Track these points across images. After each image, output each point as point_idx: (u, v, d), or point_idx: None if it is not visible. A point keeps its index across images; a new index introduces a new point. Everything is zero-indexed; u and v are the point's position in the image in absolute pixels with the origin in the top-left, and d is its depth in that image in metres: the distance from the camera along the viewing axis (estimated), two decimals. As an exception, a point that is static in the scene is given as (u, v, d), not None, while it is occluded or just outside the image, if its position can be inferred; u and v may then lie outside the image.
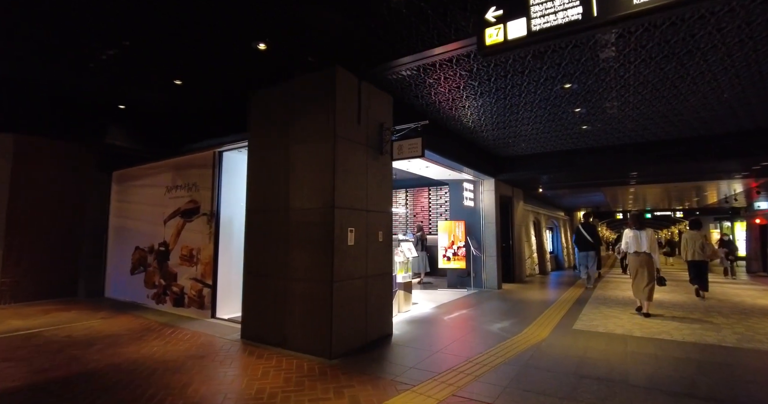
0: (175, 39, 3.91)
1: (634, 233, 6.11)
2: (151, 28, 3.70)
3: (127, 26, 3.68)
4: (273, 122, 4.85)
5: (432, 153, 6.52)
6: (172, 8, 3.36)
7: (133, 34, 3.82)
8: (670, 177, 9.53)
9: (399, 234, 11.79)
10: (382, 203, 4.92)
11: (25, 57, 4.33)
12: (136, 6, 3.33)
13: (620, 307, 6.76)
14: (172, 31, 3.77)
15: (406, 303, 6.46)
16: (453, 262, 9.16)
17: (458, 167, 7.93)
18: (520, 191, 11.41)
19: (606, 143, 7.87)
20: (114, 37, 3.88)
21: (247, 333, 4.80)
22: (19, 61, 4.43)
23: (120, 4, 3.31)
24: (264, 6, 3.32)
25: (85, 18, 3.52)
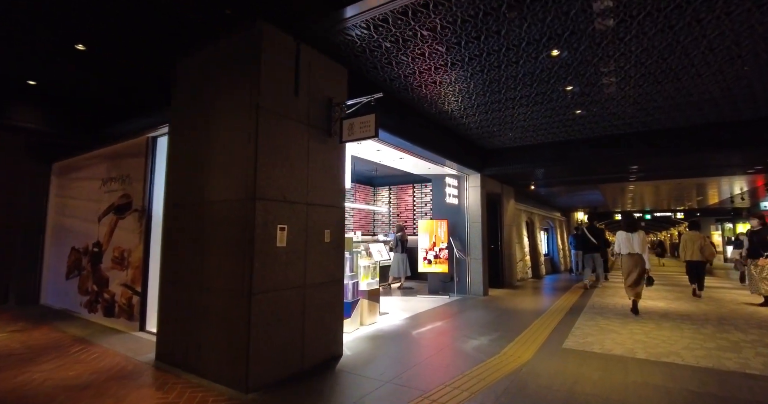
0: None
1: (627, 235, 6.30)
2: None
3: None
4: (194, 96, 3.97)
5: (402, 139, 5.65)
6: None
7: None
8: (674, 172, 8.67)
9: (380, 235, 10.92)
10: (330, 195, 4.04)
11: None
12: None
13: (619, 318, 5.88)
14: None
15: (372, 315, 5.57)
16: (434, 266, 8.27)
17: (438, 159, 7.06)
18: (510, 189, 10.54)
19: (603, 132, 7.00)
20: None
21: (163, 353, 3.91)
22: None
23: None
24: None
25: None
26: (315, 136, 3.90)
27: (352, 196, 11.20)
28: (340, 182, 4.22)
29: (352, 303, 5.07)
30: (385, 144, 5.81)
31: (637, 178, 9.15)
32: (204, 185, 3.70)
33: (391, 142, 5.77)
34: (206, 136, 3.76)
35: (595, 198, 14.97)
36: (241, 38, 3.55)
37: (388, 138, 5.56)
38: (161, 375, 3.50)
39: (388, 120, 5.27)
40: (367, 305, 5.49)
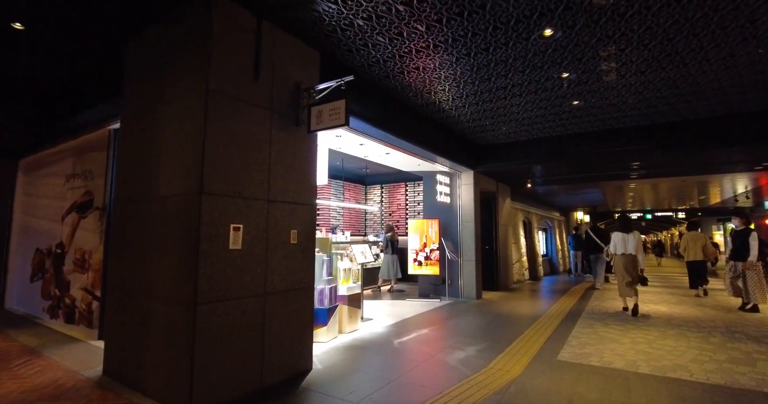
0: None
1: (622, 236, 6.37)
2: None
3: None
4: (144, 81, 3.56)
5: (386, 133, 5.24)
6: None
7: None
8: (676, 169, 8.25)
9: (370, 235, 10.49)
10: (297, 192, 3.63)
11: None
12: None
13: (619, 325, 5.46)
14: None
15: (352, 322, 5.15)
16: (425, 268, 7.86)
17: (427, 155, 6.64)
18: (506, 187, 10.12)
19: (603, 126, 6.58)
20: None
21: (110, 368, 3.50)
22: None
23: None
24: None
25: None
26: (280, 125, 3.48)
27: (341, 195, 10.79)
28: (309, 177, 3.81)
29: (329, 309, 4.66)
30: (368, 137, 5.39)
31: (638, 175, 8.73)
32: (153, 179, 3.29)
33: (374, 135, 5.36)
34: (156, 125, 3.34)
35: (594, 197, 14.55)
36: (192, 13, 3.14)
37: (370, 130, 5.15)
38: (101, 394, 3.08)
39: (370, 111, 4.86)
40: (347, 311, 5.07)
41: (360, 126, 4.94)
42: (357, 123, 4.79)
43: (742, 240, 6.53)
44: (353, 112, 4.54)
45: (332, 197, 10.43)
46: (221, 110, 3.01)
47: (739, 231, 6.65)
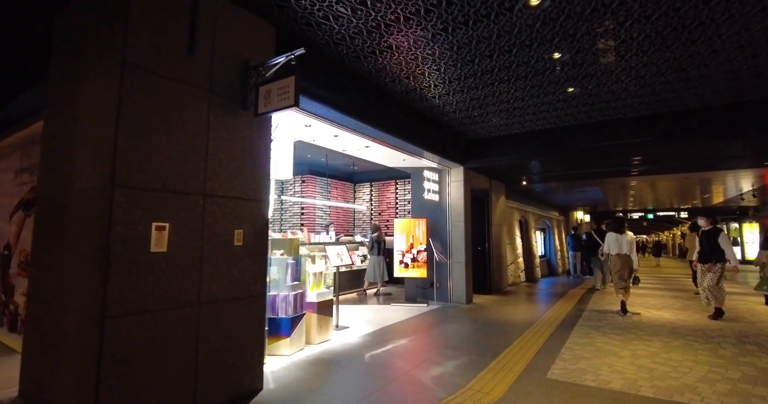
0: None
1: (616, 236, 6.47)
2: None
3: None
4: (67, 59, 3.08)
5: (362, 123, 4.75)
6: None
7: None
8: (680, 164, 7.73)
9: (357, 236, 10.01)
10: (244, 185, 3.14)
11: None
12: None
13: (619, 334, 4.97)
14: None
15: (323, 331, 4.67)
16: (412, 270, 7.37)
17: (412, 149, 6.15)
18: (500, 185, 9.62)
19: (601, 117, 6.09)
20: None
21: (25, 390, 3.02)
22: None
23: None
24: None
25: None
26: (221, 107, 3.00)
27: (327, 193, 10.31)
28: (261, 169, 3.32)
29: (293, 319, 4.17)
30: (341, 128, 4.90)
31: (639, 171, 8.23)
32: (71, 172, 2.81)
33: (348, 125, 4.87)
34: (76, 109, 2.86)
35: (594, 196, 14.05)
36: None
37: (343, 120, 4.66)
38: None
39: (340, 96, 4.38)
40: (317, 320, 4.58)
41: (330, 114, 4.45)
42: (326, 110, 4.30)
43: (711, 241, 5.99)
44: (319, 97, 4.07)
45: (317, 195, 9.96)
46: (142, 89, 2.52)
47: (707, 232, 6.11)
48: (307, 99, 3.95)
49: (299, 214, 9.77)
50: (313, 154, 8.91)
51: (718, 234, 5.95)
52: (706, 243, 6.06)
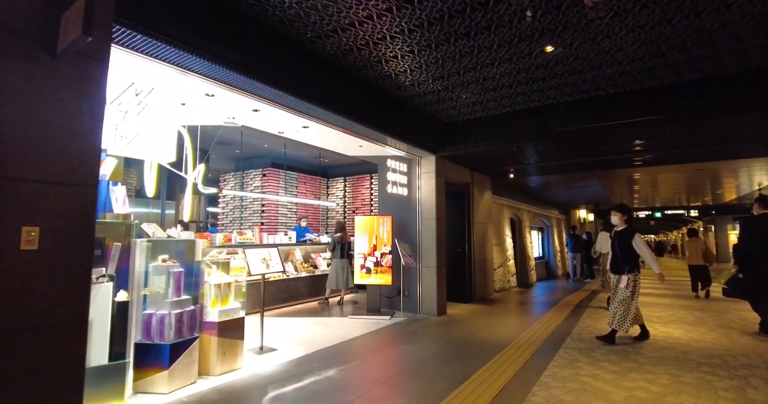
0: None
1: (607, 236, 6.28)
2: None
3: None
4: None
5: (290, 95, 3.72)
6: None
7: None
8: (691, 151, 6.56)
9: (323, 236, 8.97)
10: (46, 162, 2.11)
11: None
12: None
13: (614, 361, 3.88)
14: None
15: (229, 359, 3.64)
16: (374, 276, 6.31)
17: (367, 132, 5.11)
18: (485, 178, 8.53)
19: (594, 91, 5.00)
20: None
21: None
22: None
23: None
24: None
25: None
26: (14, 51, 1.98)
27: (294, 189, 9.29)
28: (80, 139, 2.29)
29: (175, 345, 3.15)
30: (257, 98, 3.86)
31: (642, 160, 7.09)
32: None
33: (265, 95, 3.83)
34: None
35: (595, 192, 12.88)
36: None
37: (253, 86, 3.62)
38: None
39: (244, 54, 3.35)
40: (218, 345, 3.55)
41: (234, 78, 3.41)
42: (229, 74, 3.27)
43: (624, 244, 4.66)
44: (214, 54, 3.05)
45: (281, 191, 8.94)
46: None
47: (620, 233, 4.78)
48: (193, 55, 2.93)
49: (260, 212, 8.76)
50: (272, 144, 7.91)
51: (632, 235, 4.65)
52: (618, 247, 4.71)
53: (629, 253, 4.63)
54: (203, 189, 6.11)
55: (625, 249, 4.67)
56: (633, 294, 4.59)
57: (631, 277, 4.58)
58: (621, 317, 4.58)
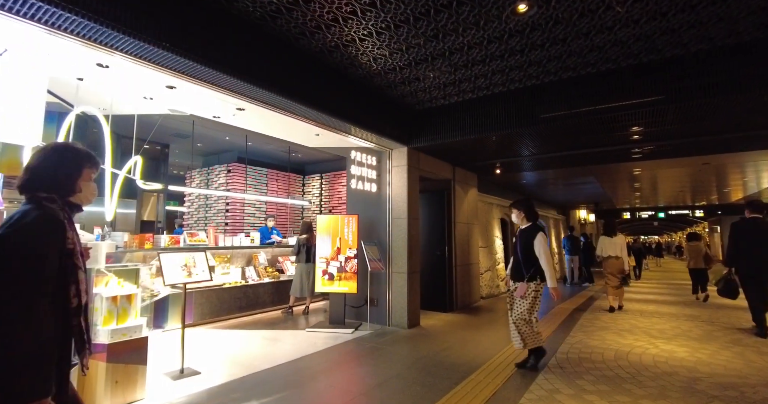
0: None
1: (609, 239, 6.70)
2: None
3: None
4: None
5: (197, 63, 3.01)
6: None
7: None
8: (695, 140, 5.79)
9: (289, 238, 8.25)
10: None
11: None
12: None
13: (605, 392, 3.15)
14: None
15: (121, 390, 2.92)
16: (338, 283, 5.59)
17: (320, 117, 4.40)
18: (469, 174, 7.80)
19: (582, 67, 4.28)
20: None
21: None
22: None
23: None
24: None
25: None
26: None
27: (264, 186, 8.59)
28: None
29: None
30: (168, 72, 3.16)
31: (642, 152, 6.33)
32: None
33: (178, 68, 3.13)
34: None
35: (593, 190, 12.12)
36: None
37: (158, 56, 2.92)
38: None
39: (137, 18, 2.64)
40: (108, 372, 2.85)
41: (132, 46, 2.72)
42: (116, 36, 2.57)
43: (525, 246, 3.78)
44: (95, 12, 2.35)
45: (250, 188, 8.24)
46: None
47: (523, 232, 3.93)
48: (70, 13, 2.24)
49: (224, 211, 8.06)
50: (234, 136, 7.22)
51: (535, 235, 3.77)
52: (519, 248, 3.84)
53: (532, 257, 3.72)
54: (143, 185, 5.44)
55: (527, 252, 3.76)
56: (531, 308, 3.72)
57: (531, 286, 3.69)
58: (531, 334, 3.75)
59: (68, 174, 1.43)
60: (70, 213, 1.44)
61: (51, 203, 1.36)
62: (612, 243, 6.64)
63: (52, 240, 1.31)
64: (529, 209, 3.98)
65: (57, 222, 1.34)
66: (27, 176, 1.38)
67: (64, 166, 1.43)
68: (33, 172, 1.39)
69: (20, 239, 1.24)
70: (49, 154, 1.43)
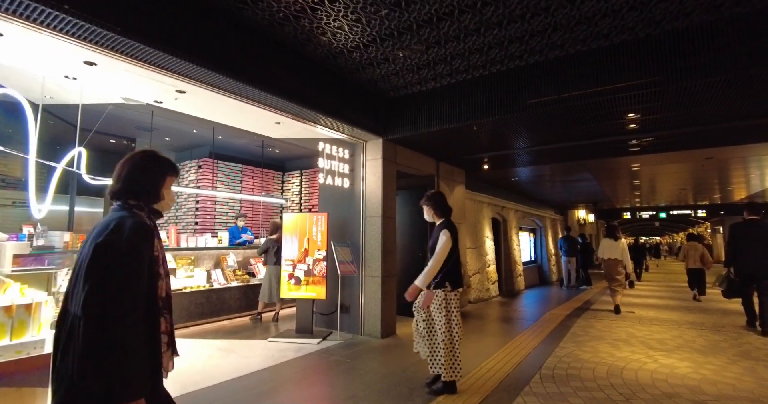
0: None
1: (611, 242, 6.78)
2: None
3: None
4: None
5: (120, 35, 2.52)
6: None
7: None
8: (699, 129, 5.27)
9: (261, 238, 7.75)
10: None
11: None
12: None
13: (592, 422, 2.65)
14: None
15: (6, 421, 2.43)
16: (305, 288, 5.10)
17: (278, 103, 3.91)
18: (455, 170, 7.30)
19: (570, 45, 3.78)
20: None
21: None
22: None
23: None
24: None
25: None
26: None
27: (239, 183, 8.10)
28: None
29: None
30: (93, 47, 2.67)
31: (640, 145, 5.81)
32: None
33: (113, 47, 2.65)
34: None
35: (591, 188, 11.61)
36: None
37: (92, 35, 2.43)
38: None
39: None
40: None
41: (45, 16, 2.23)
42: None
43: (433, 245, 3.21)
44: None
45: (222, 185, 7.75)
46: None
47: (436, 229, 3.32)
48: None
49: (194, 209, 7.57)
50: (201, 129, 6.73)
51: (441, 229, 3.18)
52: (431, 248, 3.24)
53: None
54: (90, 179, 4.96)
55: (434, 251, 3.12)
56: (450, 323, 3.04)
57: (440, 294, 3.04)
58: (447, 356, 3.03)
59: (154, 182, 1.47)
60: (153, 220, 1.49)
61: (140, 210, 1.42)
62: (614, 246, 6.73)
63: (146, 247, 1.35)
64: (438, 203, 3.34)
65: (149, 229, 1.38)
66: (119, 184, 1.42)
67: (151, 174, 1.47)
68: (124, 180, 1.42)
69: (125, 245, 1.28)
70: (137, 162, 1.46)
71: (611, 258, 6.70)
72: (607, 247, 6.77)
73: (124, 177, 1.42)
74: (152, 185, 1.46)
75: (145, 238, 1.35)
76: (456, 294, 3.14)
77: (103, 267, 1.24)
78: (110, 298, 1.22)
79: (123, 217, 1.34)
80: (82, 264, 1.28)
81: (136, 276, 1.29)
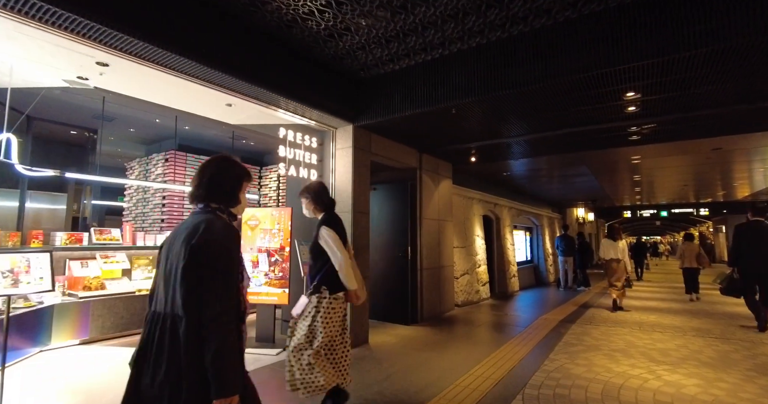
0: None
1: (611, 243, 6.92)
2: None
3: None
4: None
5: None
6: None
7: None
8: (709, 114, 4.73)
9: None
10: None
11: None
12: None
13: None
14: None
15: None
16: (266, 292, 4.57)
17: (225, 81, 3.40)
18: (441, 163, 6.77)
19: (557, 11, 3.25)
20: None
21: None
22: None
23: None
24: None
25: None
26: None
27: (210, 179, 7.58)
28: None
29: None
30: None
31: (640, 133, 5.27)
32: None
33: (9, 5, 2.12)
34: None
35: (587, 183, 11.07)
36: None
37: None
38: None
39: None
40: None
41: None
42: None
43: (314, 243, 2.68)
44: None
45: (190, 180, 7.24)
46: None
47: (318, 226, 2.72)
48: None
49: (161, 206, 7.04)
50: (164, 118, 6.21)
51: (318, 229, 2.66)
52: (312, 249, 2.73)
53: (319, 259, 2.63)
54: (24, 170, 4.45)
55: (317, 253, 2.64)
56: (312, 333, 2.53)
57: (313, 300, 2.56)
58: (303, 374, 2.51)
59: (233, 186, 1.51)
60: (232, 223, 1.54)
61: (222, 213, 1.48)
62: (614, 247, 6.87)
63: (235, 247, 1.41)
64: (318, 195, 2.76)
65: (236, 231, 1.44)
66: (202, 189, 1.46)
67: (231, 178, 1.52)
68: (206, 185, 1.46)
69: (220, 245, 1.33)
70: (218, 166, 1.51)
71: (613, 259, 6.85)
72: (608, 248, 6.93)
73: (206, 182, 1.46)
74: (231, 189, 1.50)
75: (234, 239, 1.41)
76: (334, 301, 2.58)
77: (199, 267, 1.28)
78: (209, 297, 1.26)
79: (211, 220, 1.39)
80: (175, 265, 1.31)
81: (230, 275, 1.34)
